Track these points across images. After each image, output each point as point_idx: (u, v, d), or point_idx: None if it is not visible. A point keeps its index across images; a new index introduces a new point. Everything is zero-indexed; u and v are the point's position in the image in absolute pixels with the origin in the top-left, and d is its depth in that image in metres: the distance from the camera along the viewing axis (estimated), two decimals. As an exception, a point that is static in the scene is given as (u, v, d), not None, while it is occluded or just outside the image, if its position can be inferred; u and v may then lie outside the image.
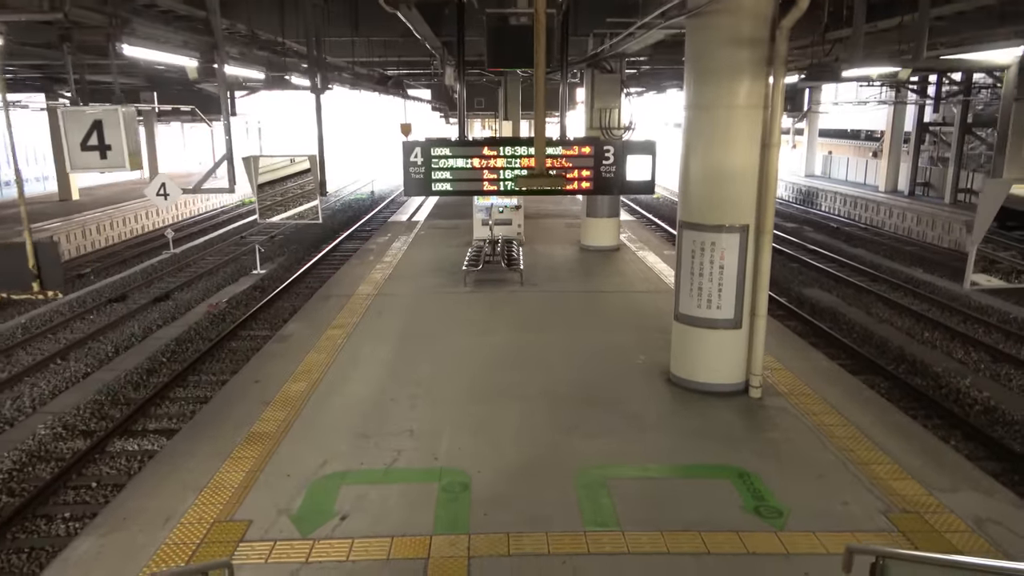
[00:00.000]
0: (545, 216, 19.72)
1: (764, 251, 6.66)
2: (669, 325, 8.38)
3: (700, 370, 7.06)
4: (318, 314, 9.97)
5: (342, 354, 8.27)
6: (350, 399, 6.99)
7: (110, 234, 21.77)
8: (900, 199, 24.20)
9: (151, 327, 12.58)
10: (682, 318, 7.08)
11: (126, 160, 6.16)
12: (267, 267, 17.59)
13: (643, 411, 6.70)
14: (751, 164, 6.53)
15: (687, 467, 5.64)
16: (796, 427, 6.34)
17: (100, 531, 4.80)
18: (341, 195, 34.50)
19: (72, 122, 6.74)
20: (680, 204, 6.99)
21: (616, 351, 8.38)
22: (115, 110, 6.64)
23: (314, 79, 7.22)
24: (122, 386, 9.79)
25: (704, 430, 6.28)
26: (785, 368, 7.76)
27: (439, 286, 11.59)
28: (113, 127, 6.47)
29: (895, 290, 14.82)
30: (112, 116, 6.60)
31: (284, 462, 5.70)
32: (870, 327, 12.28)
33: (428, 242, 15.84)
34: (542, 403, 6.87)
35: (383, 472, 5.53)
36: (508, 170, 6.85)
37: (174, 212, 26.53)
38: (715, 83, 6.45)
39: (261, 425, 6.37)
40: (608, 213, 14.26)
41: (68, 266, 18.17)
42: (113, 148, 6.17)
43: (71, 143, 6.69)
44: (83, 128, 6.63)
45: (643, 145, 6.98)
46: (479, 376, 7.61)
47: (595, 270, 12.85)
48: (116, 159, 6.46)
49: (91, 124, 6.47)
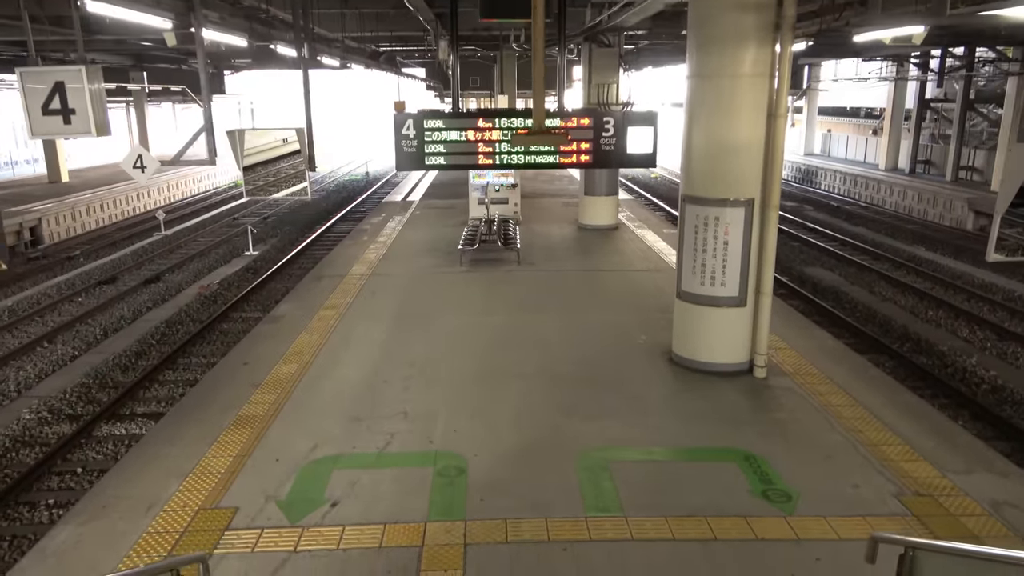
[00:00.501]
0: (542, 195, 19.44)
1: (770, 226, 6.42)
2: (670, 304, 8.17)
3: (703, 349, 6.84)
4: (310, 295, 9.73)
5: (334, 335, 8.04)
6: (342, 381, 6.77)
7: (100, 216, 21.44)
8: (901, 177, 23.93)
9: (141, 309, 12.34)
10: (685, 296, 6.86)
11: (92, 126, 5.51)
12: (260, 248, 17.31)
13: (645, 392, 6.50)
14: (756, 135, 6.27)
15: (691, 450, 5.44)
16: (802, 407, 6.13)
17: (79, 519, 4.59)
18: (336, 176, 34.13)
19: (31, 83, 5.97)
20: (682, 178, 6.74)
21: (616, 331, 8.16)
22: (78, 70, 5.91)
23: (300, 49, 6.91)
24: (110, 369, 9.56)
25: (708, 411, 6.08)
26: (790, 347, 7.55)
27: (434, 266, 11.34)
28: (77, 89, 5.75)
29: (898, 268, 14.61)
30: (75, 77, 5.88)
31: (273, 446, 5.49)
32: (873, 306, 12.08)
33: (423, 222, 15.57)
34: (541, 384, 6.66)
35: (376, 456, 5.32)
36: (504, 143, 6.59)
37: (166, 194, 26.18)
38: (719, 51, 6.18)
39: (250, 408, 6.15)
40: (606, 191, 14.00)
41: (57, 248, 17.91)
42: (77, 112, 5.53)
43: (31, 107, 5.98)
44: (44, 91, 5.88)
45: (644, 116, 6.72)
46: (476, 357, 7.39)
47: (593, 249, 12.61)
48: (81, 125, 5.78)
49: (52, 86, 5.79)
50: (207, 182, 30.09)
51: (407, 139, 6.56)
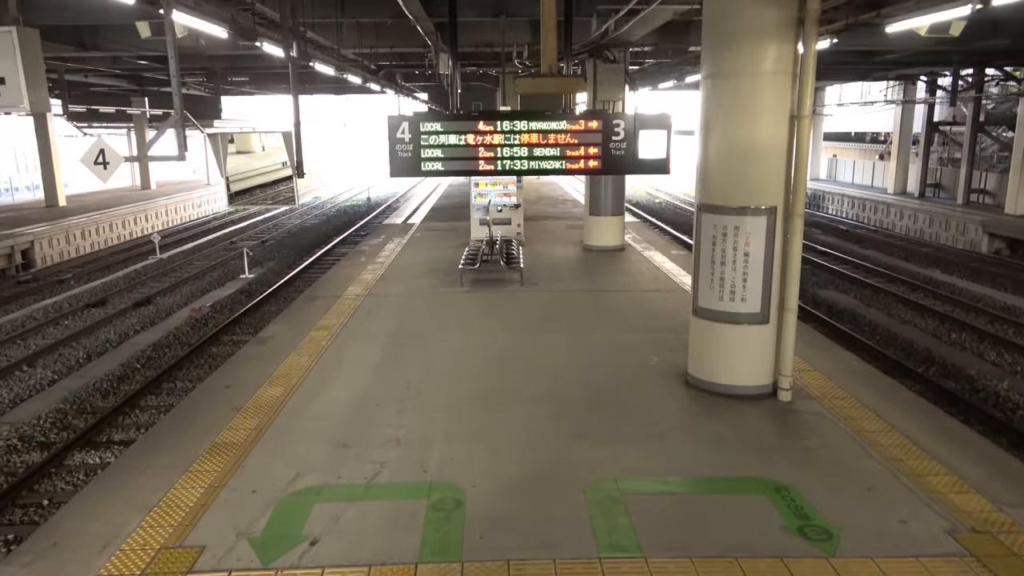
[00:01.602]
0: (545, 218, 19.03)
1: (795, 236, 5.93)
2: (682, 325, 7.70)
3: (722, 370, 6.31)
4: (302, 316, 9.23)
5: (325, 357, 7.53)
6: (331, 405, 6.24)
7: (95, 239, 21.06)
8: (910, 200, 23.51)
9: (128, 332, 11.84)
10: (701, 312, 6.35)
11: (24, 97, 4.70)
12: (256, 271, 16.87)
13: (660, 417, 5.96)
14: (779, 138, 5.82)
15: (715, 480, 4.89)
16: (834, 433, 5.59)
17: (24, 559, 4.05)
18: (336, 202, 33.82)
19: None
20: (698, 185, 6.27)
21: (626, 352, 7.64)
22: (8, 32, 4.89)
23: (288, 48, 6.50)
24: (90, 394, 9.04)
25: (730, 438, 5.53)
26: (814, 369, 7.02)
27: (433, 286, 10.86)
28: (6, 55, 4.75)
29: (914, 291, 14.10)
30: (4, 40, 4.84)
31: (250, 476, 4.95)
32: (893, 328, 11.55)
33: (423, 244, 15.12)
34: (546, 408, 6.13)
35: (363, 487, 4.78)
36: (506, 147, 6.14)
37: (164, 218, 25.84)
38: (738, 47, 5.75)
39: (228, 434, 5.62)
40: (612, 211, 13.55)
41: (49, 272, 17.48)
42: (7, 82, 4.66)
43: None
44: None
45: (657, 119, 6.28)
46: (475, 379, 6.87)
47: (600, 270, 12.13)
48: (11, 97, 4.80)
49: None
50: (206, 207, 29.77)
51: (402, 143, 6.11)
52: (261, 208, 31.68)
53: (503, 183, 14.16)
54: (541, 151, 6.18)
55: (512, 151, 6.16)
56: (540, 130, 6.15)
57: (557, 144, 6.18)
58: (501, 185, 14.11)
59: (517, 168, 6.25)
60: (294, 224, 25.99)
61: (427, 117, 6.18)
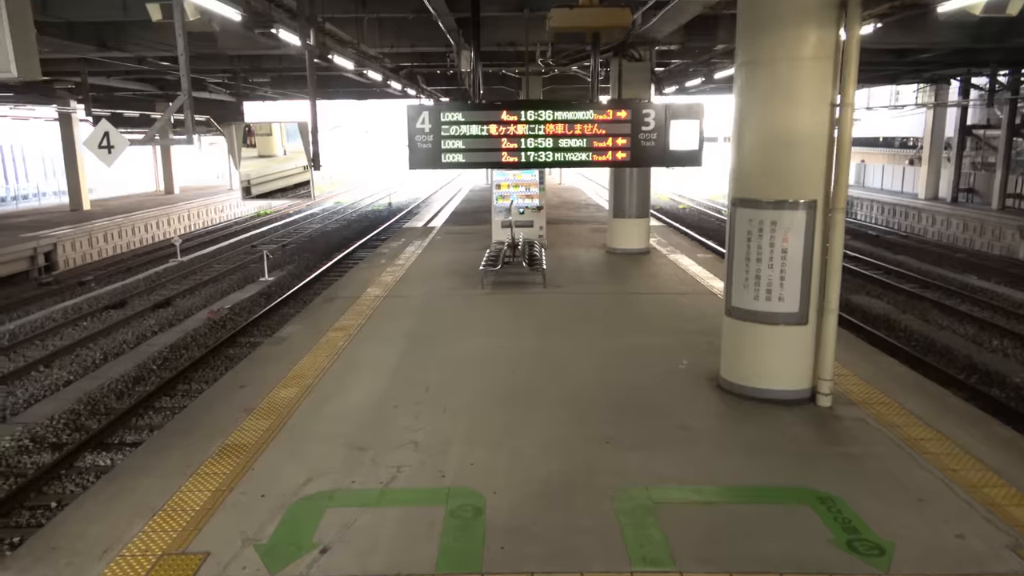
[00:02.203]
0: (568, 222, 18.75)
1: (836, 232, 5.60)
2: (712, 328, 7.41)
3: (758, 374, 5.98)
4: (319, 316, 9.02)
5: (342, 357, 7.30)
6: (346, 406, 5.99)
7: (118, 243, 21.11)
8: (942, 205, 22.90)
9: (146, 334, 11.72)
10: (736, 312, 6.02)
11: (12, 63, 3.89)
12: (276, 274, 16.74)
13: (691, 421, 5.64)
14: (819, 127, 5.49)
15: (754, 489, 4.56)
16: (880, 441, 5.23)
17: (22, 563, 3.83)
18: (358, 207, 33.79)
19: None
20: (732, 178, 5.96)
21: (654, 355, 7.33)
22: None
23: (304, 36, 6.31)
24: (104, 395, 8.88)
25: (768, 444, 5.20)
26: (853, 373, 6.65)
27: (454, 288, 10.61)
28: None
29: (951, 296, 13.61)
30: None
31: (260, 479, 4.71)
32: (931, 335, 11.11)
33: (444, 246, 14.90)
34: (571, 412, 5.83)
35: (378, 493, 4.51)
36: (530, 138, 5.86)
37: (186, 222, 25.90)
38: (776, 31, 5.44)
39: (239, 436, 5.39)
40: (637, 213, 13.23)
41: (71, 274, 17.49)
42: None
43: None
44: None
45: (689, 109, 5.98)
46: (497, 381, 6.59)
47: (625, 272, 11.81)
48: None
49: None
50: (228, 212, 29.85)
51: (421, 134, 5.87)
52: (282, 212, 31.81)
53: (525, 184, 13.92)
54: (567, 142, 5.91)
55: (536, 142, 5.89)
56: (566, 120, 5.88)
57: (584, 135, 5.89)
58: (523, 187, 13.87)
59: (542, 160, 5.97)
60: (315, 229, 25.93)
61: (448, 107, 5.94)
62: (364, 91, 26.61)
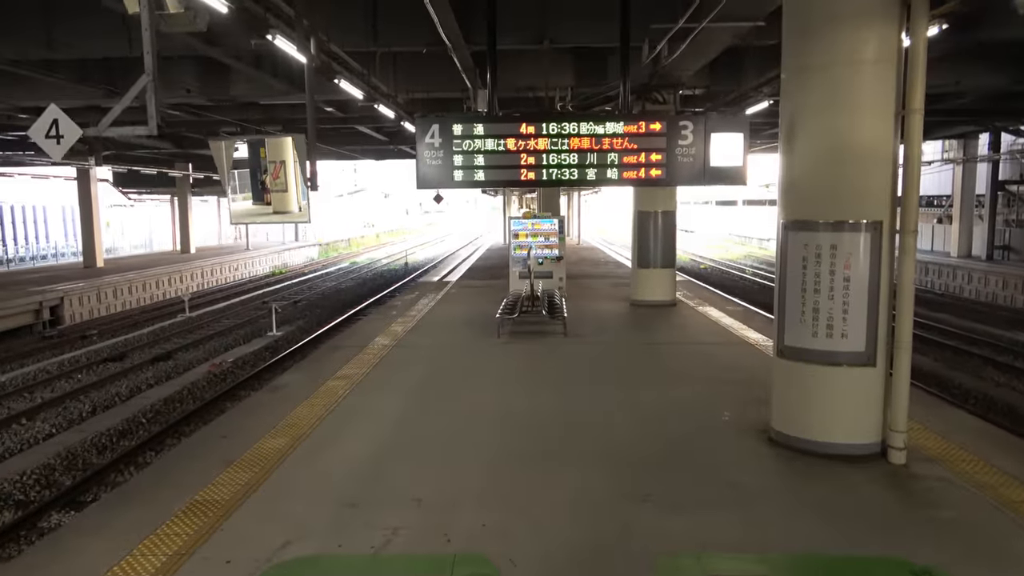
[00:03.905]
0: (588, 277, 18.11)
1: (907, 257, 4.87)
2: (754, 379, 6.66)
3: (817, 424, 5.14)
4: (321, 365, 8.30)
5: (341, 407, 6.54)
6: (341, 459, 5.21)
7: (128, 299, 20.67)
8: (978, 263, 22.00)
9: (141, 386, 11.03)
10: (789, 353, 5.22)
11: None
12: (284, 329, 16.11)
13: (743, 478, 4.79)
14: (883, 138, 4.83)
15: (835, 560, 3.70)
16: (973, 504, 4.35)
17: (-84, 647, 3.04)
18: (374, 266, 33.44)
19: None
20: (782, 200, 5.27)
21: (690, 407, 6.51)
22: None
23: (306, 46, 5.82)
24: (85, 449, 8.13)
25: (841, 506, 4.34)
26: (921, 426, 5.77)
27: (468, 338, 9.89)
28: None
29: (1003, 353, 12.65)
30: None
31: (229, 541, 3.91)
32: (989, 392, 10.17)
33: (458, 299, 14.24)
34: (602, 468, 5.01)
35: (369, 560, 3.70)
36: (553, 153, 5.23)
37: (199, 280, 25.55)
38: (831, 33, 4.83)
39: (213, 490, 4.60)
40: (663, 263, 12.52)
41: (76, 329, 16.95)
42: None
43: None
44: None
45: (732, 120, 5.34)
46: (514, 435, 5.79)
47: (651, 324, 11.04)
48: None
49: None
50: (243, 270, 29.54)
51: (431, 149, 5.25)
52: (298, 270, 31.50)
53: (544, 234, 13.36)
54: (593, 158, 5.26)
55: (560, 158, 5.25)
56: (592, 134, 5.25)
57: (613, 149, 5.26)
58: (542, 236, 13.30)
59: (565, 178, 5.31)
60: (328, 286, 25.47)
61: (461, 118, 5.35)
62: (382, 150, 26.54)
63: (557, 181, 5.38)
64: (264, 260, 32.07)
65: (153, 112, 4.52)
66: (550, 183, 5.43)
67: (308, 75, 5.94)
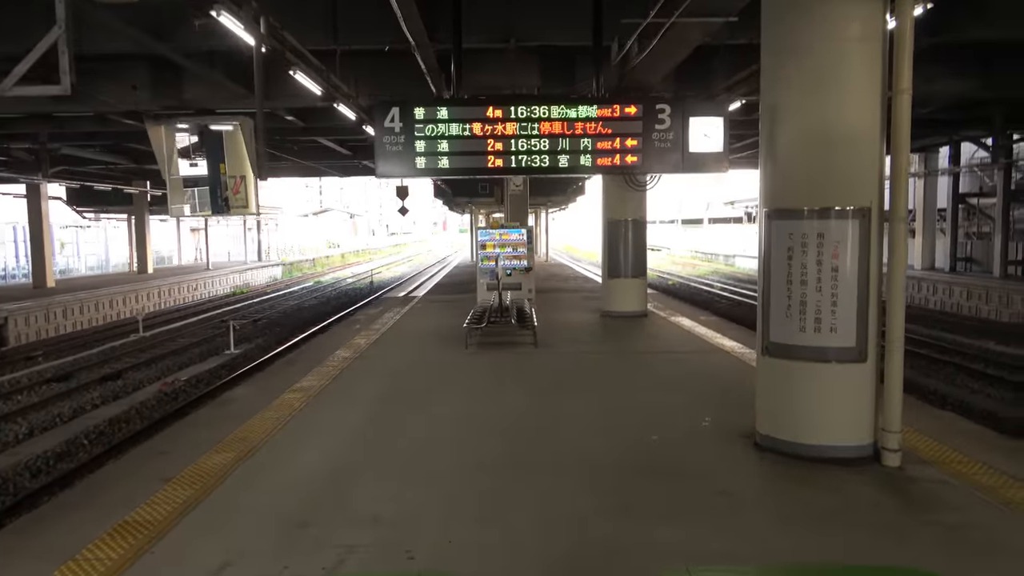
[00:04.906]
0: (557, 291, 17.81)
1: (898, 245, 4.59)
2: (733, 385, 6.39)
3: (806, 426, 4.81)
4: (275, 378, 7.82)
5: (296, 420, 6.05)
6: (291, 474, 4.74)
7: (79, 319, 19.77)
8: (942, 275, 22.20)
9: (85, 407, 10.36)
10: (775, 350, 4.91)
11: None
12: (243, 347, 15.46)
13: (732, 485, 4.44)
14: (870, 119, 4.57)
15: (833, 570, 3.34)
16: (978, 508, 4.05)
17: None
18: (339, 285, 32.76)
19: None
20: (764, 187, 4.98)
21: (668, 413, 6.17)
22: None
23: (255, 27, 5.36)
24: (17, 474, 7.49)
25: (839, 513, 4.00)
26: (911, 429, 5.49)
27: (434, 350, 9.46)
28: None
29: (975, 360, 12.57)
30: None
31: (157, 566, 3.43)
32: (965, 398, 10.01)
33: (425, 313, 13.81)
34: (577, 477, 4.62)
35: (318, 583, 3.25)
36: (522, 139, 4.89)
37: (156, 300, 24.66)
38: (814, 11, 4.58)
39: (146, 510, 4.10)
40: (633, 272, 12.23)
41: (21, 350, 16.09)
42: None
43: None
44: None
45: (712, 105, 5.06)
46: (483, 445, 5.38)
47: (623, 334, 10.72)
48: None
49: None
50: (203, 290, 28.66)
51: (391, 134, 4.87)
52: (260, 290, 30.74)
53: (512, 244, 13.03)
54: (565, 143, 4.93)
55: (529, 143, 4.91)
56: (564, 117, 4.92)
57: (586, 134, 4.93)
58: (510, 247, 12.98)
59: (536, 165, 4.97)
60: (291, 305, 24.78)
61: (424, 102, 4.99)
62: (347, 166, 26.06)
63: (527, 168, 5.02)
64: (225, 280, 31.21)
65: (67, 67, 4.04)
66: (520, 170, 5.08)
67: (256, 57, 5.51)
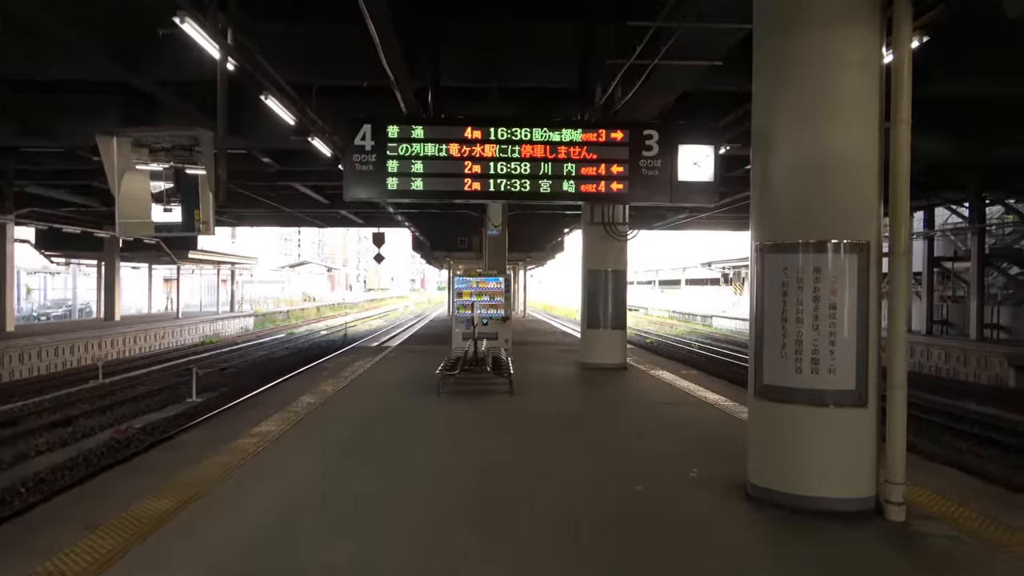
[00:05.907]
0: (535, 344, 17.41)
1: (900, 281, 4.32)
2: (719, 436, 6.07)
3: (803, 475, 4.44)
4: (232, 422, 7.31)
5: (249, 465, 5.55)
6: (238, 521, 4.25)
7: (36, 364, 18.97)
8: (919, 337, 22.17)
9: (29, 454, 9.68)
10: (769, 392, 4.56)
11: None
12: (205, 396, 14.80)
13: (727, 542, 4.02)
14: (868, 148, 4.36)
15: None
16: (996, 569, 3.67)
17: None
18: (312, 337, 32.09)
19: None
20: (756, 219, 4.71)
21: (654, 464, 5.76)
22: None
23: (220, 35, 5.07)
24: (-62, 523, 6.82)
25: (848, 573, 3.59)
26: (913, 483, 5.12)
27: (404, 397, 8.99)
28: None
29: (959, 420, 12.33)
30: None
31: (63, 627, 2.92)
32: (954, 458, 9.68)
33: (397, 362, 13.33)
34: (557, 531, 4.17)
35: (250, 647, 2.77)
36: (502, 162, 4.59)
37: (120, 347, 23.86)
38: (808, 31, 4.41)
39: (64, 561, 3.59)
40: (613, 324, 11.91)
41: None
42: None
43: None
44: None
45: (702, 132, 4.82)
46: (453, 496, 4.91)
47: (602, 385, 10.32)
48: None
49: None
50: (170, 339, 27.86)
51: (362, 153, 4.55)
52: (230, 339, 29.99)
53: (489, 293, 12.72)
54: (547, 167, 4.65)
55: (509, 167, 4.62)
56: (547, 140, 4.65)
57: (570, 159, 4.65)
58: (487, 296, 12.66)
59: (516, 190, 4.67)
60: (260, 355, 24.11)
61: (398, 119, 4.69)
62: (326, 215, 25.79)
63: (507, 193, 4.71)
64: (194, 329, 30.41)
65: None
66: (499, 195, 4.77)
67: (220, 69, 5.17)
